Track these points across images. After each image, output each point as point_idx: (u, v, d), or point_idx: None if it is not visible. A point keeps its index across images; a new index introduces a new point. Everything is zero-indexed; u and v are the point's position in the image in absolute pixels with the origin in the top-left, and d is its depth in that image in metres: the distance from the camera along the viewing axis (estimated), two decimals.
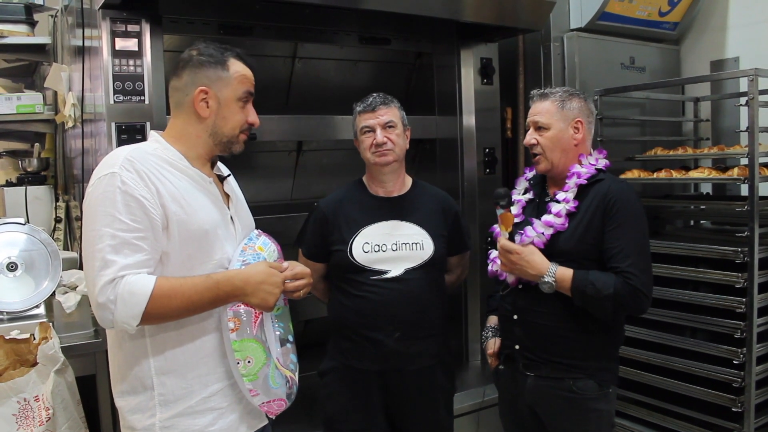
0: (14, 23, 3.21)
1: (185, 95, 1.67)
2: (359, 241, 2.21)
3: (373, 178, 2.31)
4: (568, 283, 2.00)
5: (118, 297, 1.48)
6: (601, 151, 2.21)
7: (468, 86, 3.15)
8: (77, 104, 2.74)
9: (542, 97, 2.16)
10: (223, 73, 1.67)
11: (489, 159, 3.18)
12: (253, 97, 1.74)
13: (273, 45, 3.02)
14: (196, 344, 1.64)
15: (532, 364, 2.13)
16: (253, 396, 1.65)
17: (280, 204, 3.28)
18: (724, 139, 3.52)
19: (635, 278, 1.97)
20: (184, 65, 1.68)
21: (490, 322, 2.37)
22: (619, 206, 2.03)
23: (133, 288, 1.49)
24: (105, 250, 1.49)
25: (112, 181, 1.52)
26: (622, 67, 3.56)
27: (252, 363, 1.62)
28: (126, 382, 1.64)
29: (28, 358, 2.17)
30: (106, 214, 1.51)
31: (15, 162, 3.49)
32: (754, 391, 2.64)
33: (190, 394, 1.63)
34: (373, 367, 2.21)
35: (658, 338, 2.94)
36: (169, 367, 1.62)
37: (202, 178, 1.68)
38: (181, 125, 1.69)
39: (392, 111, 2.24)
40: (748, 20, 3.55)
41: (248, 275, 1.64)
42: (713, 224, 3.54)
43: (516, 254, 2.05)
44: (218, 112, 1.67)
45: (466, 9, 2.79)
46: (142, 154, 1.60)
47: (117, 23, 2.29)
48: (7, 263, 2.40)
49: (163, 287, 1.52)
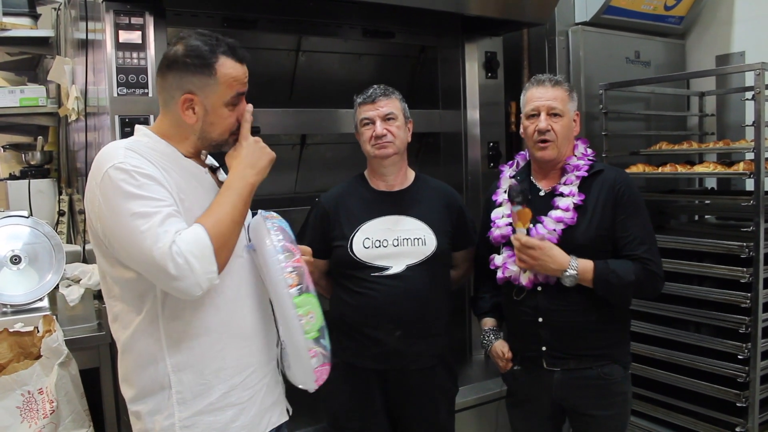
0: (17, 16, 3.20)
1: (171, 98, 1.59)
2: (360, 237, 2.17)
3: (374, 172, 2.27)
4: (590, 274, 2.00)
5: (186, 255, 1.42)
6: (584, 141, 2.20)
7: (472, 80, 3.14)
8: (80, 97, 2.73)
9: (556, 83, 2.12)
10: (210, 79, 1.56)
11: (493, 153, 3.18)
12: (245, 93, 1.66)
13: (277, 38, 3.01)
14: (212, 336, 1.59)
15: (560, 360, 2.10)
16: (312, 357, 1.60)
17: (284, 197, 3.28)
18: (729, 134, 3.52)
19: (652, 263, 2.02)
20: (170, 65, 1.58)
21: (486, 324, 2.32)
22: (628, 195, 2.06)
23: (190, 238, 1.44)
24: (154, 225, 1.43)
25: (122, 167, 1.47)
26: (627, 62, 3.55)
27: (314, 318, 1.59)
28: (139, 386, 1.59)
29: (31, 351, 2.17)
30: (133, 198, 1.45)
31: (18, 155, 3.48)
32: (759, 386, 2.65)
33: (208, 390, 1.59)
34: (374, 366, 2.18)
35: (663, 333, 2.94)
36: (186, 362, 1.57)
37: (198, 169, 1.65)
38: (168, 125, 1.63)
39: (393, 102, 2.19)
40: (754, 14, 3.54)
41: (240, 159, 1.63)
42: (718, 219, 3.53)
43: (538, 249, 2.01)
44: (205, 119, 1.60)
45: (471, 2, 2.79)
46: (139, 145, 1.56)
47: (120, 16, 2.28)
48: (11, 256, 2.40)
49: (206, 220, 1.49)
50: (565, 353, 2.09)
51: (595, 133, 3.25)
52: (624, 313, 2.18)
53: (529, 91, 2.16)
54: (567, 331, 2.08)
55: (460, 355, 3.22)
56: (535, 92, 2.13)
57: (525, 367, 2.19)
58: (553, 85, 2.11)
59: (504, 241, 2.16)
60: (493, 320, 2.31)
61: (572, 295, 2.04)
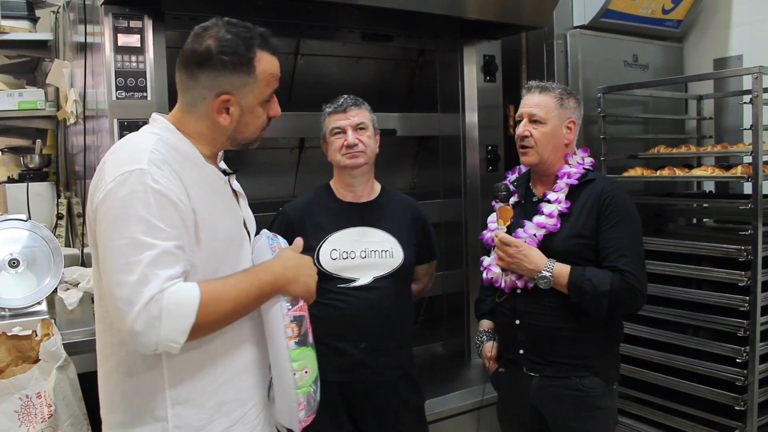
0: (16, 19, 3.20)
1: (202, 98, 1.43)
2: (327, 248, 2.15)
3: (341, 182, 2.25)
4: (565, 279, 2.00)
5: (163, 312, 1.25)
6: (585, 150, 2.21)
7: (471, 83, 3.15)
8: (79, 100, 2.74)
9: (543, 90, 2.14)
10: (248, 77, 1.42)
11: (491, 156, 3.18)
12: (277, 87, 1.52)
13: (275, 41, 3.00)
14: (217, 369, 1.46)
15: (537, 366, 2.11)
16: (301, 409, 1.52)
17: (283, 201, 3.25)
18: (727, 137, 3.52)
19: (632, 276, 1.98)
20: (201, 62, 1.41)
21: (482, 326, 2.34)
22: (613, 206, 2.04)
23: (179, 298, 1.27)
24: (144, 262, 1.26)
25: (142, 178, 1.30)
26: (625, 65, 3.55)
27: (309, 373, 1.51)
28: (130, 412, 1.42)
29: (30, 355, 2.17)
30: (140, 220, 1.28)
31: (17, 158, 3.49)
32: (757, 390, 2.64)
33: (209, 424, 1.44)
34: (338, 379, 2.13)
35: (661, 336, 2.93)
36: (188, 395, 1.42)
37: (220, 177, 1.51)
38: (194, 124, 1.46)
39: (363, 113, 2.20)
40: (751, 18, 3.55)
41: (284, 261, 1.49)
42: (716, 222, 3.53)
43: (514, 247, 2.05)
44: (240, 119, 1.46)
45: (469, 6, 2.79)
46: (166, 146, 1.39)
47: (119, 19, 2.28)
48: (9, 260, 2.39)
49: (209, 291, 1.32)
50: (542, 358, 2.10)
51: (593, 136, 3.26)
52: (612, 326, 2.13)
53: (523, 98, 2.20)
54: (543, 336, 2.09)
55: (458, 359, 3.23)
56: (524, 99, 2.18)
57: (508, 370, 2.22)
58: (540, 92, 2.14)
59: (494, 244, 2.17)
60: (490, 322, 2.33)
61: (551, 300, 2.05)
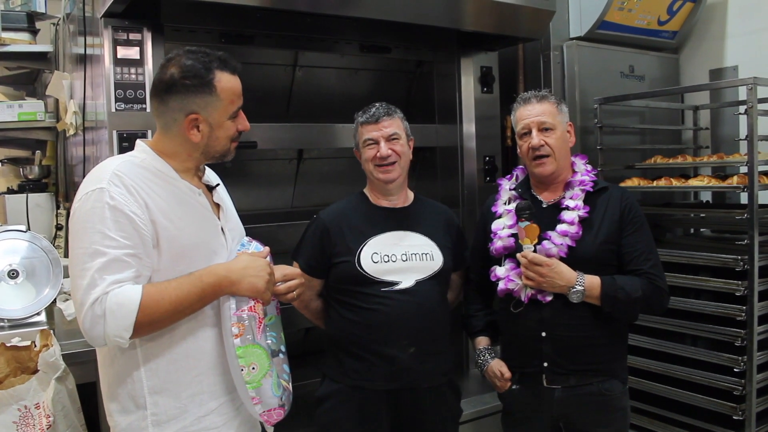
0: (16, 31, 3.22)
1: (173, 120, 1.61)
2: (367, 251, 2.10)
3: (376, 191, 2.23)
4: (597, 290, 2.00)
5: (106, 311, 1.44)
6: (583, 157, 2.22)
7: (468, 95, 3.16)
8: (78, 112, 2.75)
9: (541, 98, 2.13)
10: (211, 97, 1.60)
11: (489, 167, 3.19)
12: (242, 104, 1.69)
13: (274, 53, 3.03)
14: (189, 362, 1.61)
15: (560, 377, 2.07)
16: (255, 404, 1.61)
17: (281, 212, 3.28)
18: (723, 148, 3.54)
19: (658, 278, 2.04)
20: (168, 89, 1.59)
21: (480, 343, 2.28)
22: (634, 212, 2.09)
23: (120, 299, 1.45)
24: (94, 268, 1.46)
25: (101, 196, 1.49)
26: (621, 76, 3.58)
27: (256, 370, 1.60)
28: (118, 401, 1.60)
29: (28, 366, 2.17)
30: (95, 231, 1.48)
31: (16, 169, 3.50)
32: (755, 400, 2.65)
33: (184, 413, 1.60)
34: (385, 387, 2.06)
35: (659, 346, 2.94)
36: (162, 385, 1.58)
37: (192, 190, 1.66)
38: (170, 144, 1.64)
39: (396, 122, 2.16)
40: (746, 29, 3.57)
41: (230, 264, 1.63)
42: (713, 232, 3.54)
43: (546, 266, 2.00)
44: (210, 135, 1.63)
45: (467, 18, 2.80)
46: (130, 167, 1.57)
47: (119, 31, 2.30)
48: (9, 270, 2.39)
49: (150, 293, 1.48)
50: (567, 369, 2.07)
51: (590, 147, 3.27)
52: (621, 327, 2.17)
53: (517, 111, 2.17)
54: (571, 346, 2.05)
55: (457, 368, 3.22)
56: (523, 111, 2.15)
57: (524, 385, 2.15)
58: (539, 101, 2.13)
59: (507, 253, 2.14)
60: (487, 339, 2.28)
61: (580, 310, 2.03)
